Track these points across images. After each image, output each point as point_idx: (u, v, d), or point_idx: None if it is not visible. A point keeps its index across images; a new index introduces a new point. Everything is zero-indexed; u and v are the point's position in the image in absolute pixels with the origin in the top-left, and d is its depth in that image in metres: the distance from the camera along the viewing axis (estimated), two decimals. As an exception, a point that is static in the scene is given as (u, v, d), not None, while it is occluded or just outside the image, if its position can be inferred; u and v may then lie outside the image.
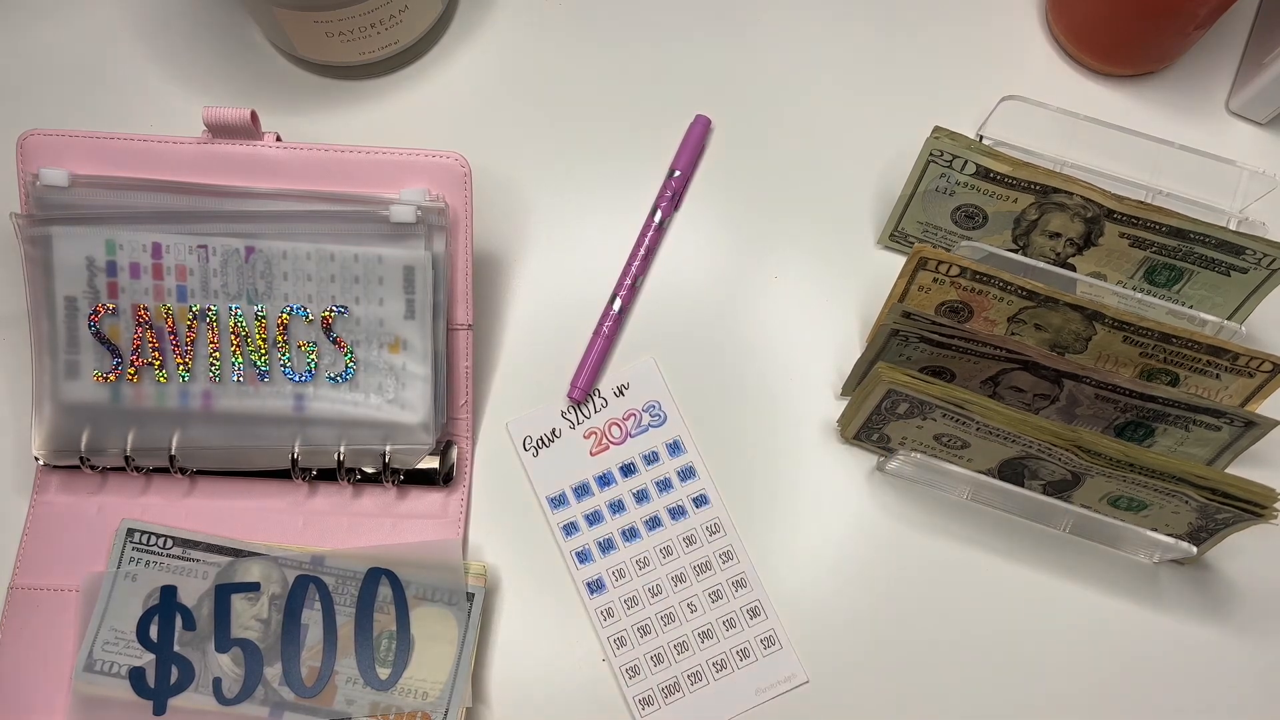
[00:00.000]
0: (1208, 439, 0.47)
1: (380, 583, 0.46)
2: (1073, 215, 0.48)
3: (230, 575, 0.46)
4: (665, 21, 0.59)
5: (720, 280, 0.54)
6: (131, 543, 0.46)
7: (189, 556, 0.46)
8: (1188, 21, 0.53)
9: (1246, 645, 0.48)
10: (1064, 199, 0.48)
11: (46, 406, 0.47)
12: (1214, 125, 0.58)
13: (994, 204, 0.49)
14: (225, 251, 0.46)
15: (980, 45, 0.59)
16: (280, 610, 0.45)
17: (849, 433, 0.50)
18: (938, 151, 0.48)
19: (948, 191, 0.50)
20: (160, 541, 0.46)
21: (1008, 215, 0.50)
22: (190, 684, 0.44)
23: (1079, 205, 0.48)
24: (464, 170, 0.47)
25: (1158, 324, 0.46)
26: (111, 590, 0.45)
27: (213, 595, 0.45)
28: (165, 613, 0.45)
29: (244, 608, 0.45)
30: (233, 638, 0.45)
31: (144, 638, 0.45)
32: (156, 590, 0.45)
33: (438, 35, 0.58)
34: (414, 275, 0.46)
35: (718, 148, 0.56)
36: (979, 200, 0.49)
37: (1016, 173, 0.48)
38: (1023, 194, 0.48)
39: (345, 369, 0.47)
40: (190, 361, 0.47)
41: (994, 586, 0.49)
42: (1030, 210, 0.49)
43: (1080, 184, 0.47)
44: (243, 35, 0.58)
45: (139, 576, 0.46)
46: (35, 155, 0.46)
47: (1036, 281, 0.46)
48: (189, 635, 0.45)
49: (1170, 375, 0.48)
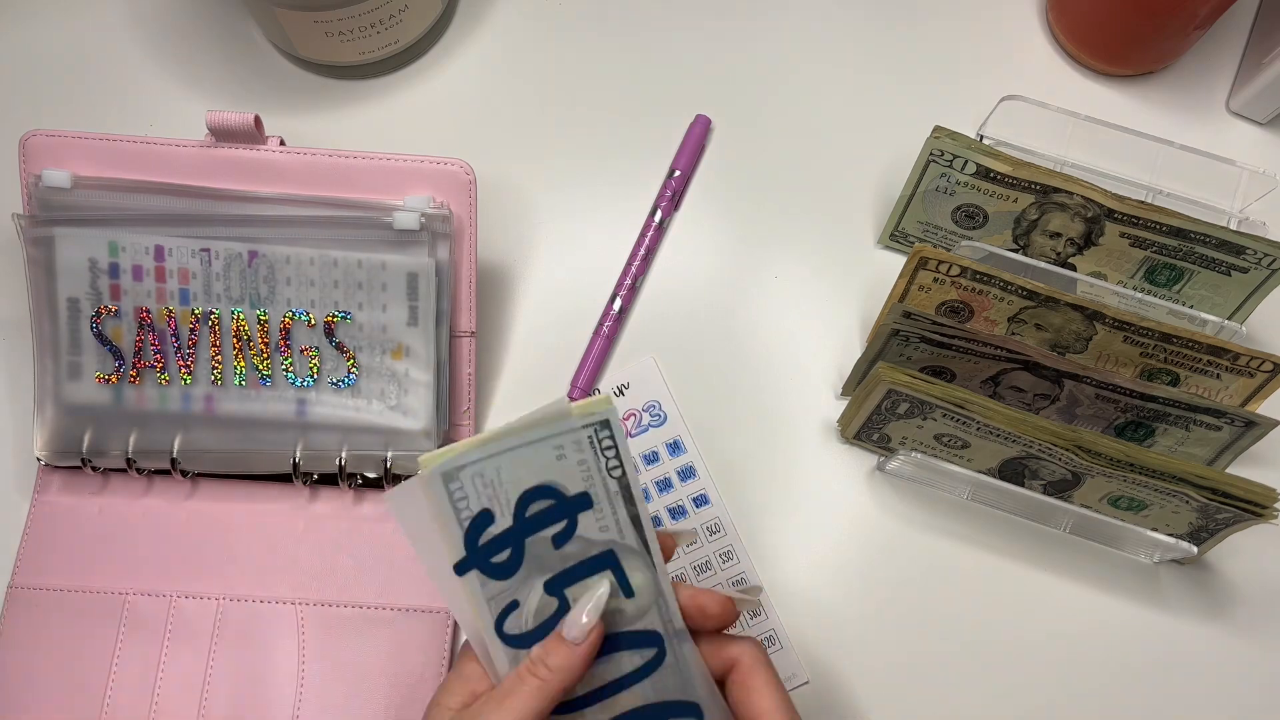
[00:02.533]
0: (1208, 439, 0.47)
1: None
2: (1073, 215, 0.49)
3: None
4: (665, 21, 0.59)
5: (720, 280, 0.54)
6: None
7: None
8: (1188, 21, 0.53)
9: (1246, 645, 0.48)
10: (1064, 199, 0.48)
11: (48, 407, 0.47)
12: (1214, 125, 0.58)
13: (994, 204, 0.49)
14: (228, 255, 0.46)
15: (980, 45, 0.59)
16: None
17: (849, 433, 0.50)
18: (938, 151, 0.48)
19: (948, 191, 0.50)
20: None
21: (1008, 215, 0.50)
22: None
23: (1079, 205, 0.48)
24: (469, 178, 0.47)
25: (1158, 324, 0.46)
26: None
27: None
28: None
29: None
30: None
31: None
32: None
33: (438, 35, 0.58)
34: (417, 282, 0.46)
35: (718, 147, 0.56)
36: (979, 200, 0.49)
37: (1017, 172, 0.48)
38: (1023, 194, 0.48)
39: (347, 374, 0.47)
40: (192, 365, 0.47)
41: (994, 586, 0.49)
42: (1030, 210, 0.49)
43: (1080, 184, 0.47)
44: (243, 35, 0.58)
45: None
46: (37, 156, 0.46)
47: (1036, 281, 0.46)
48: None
49: (1171, 375, 0.48)
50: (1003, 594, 0.49)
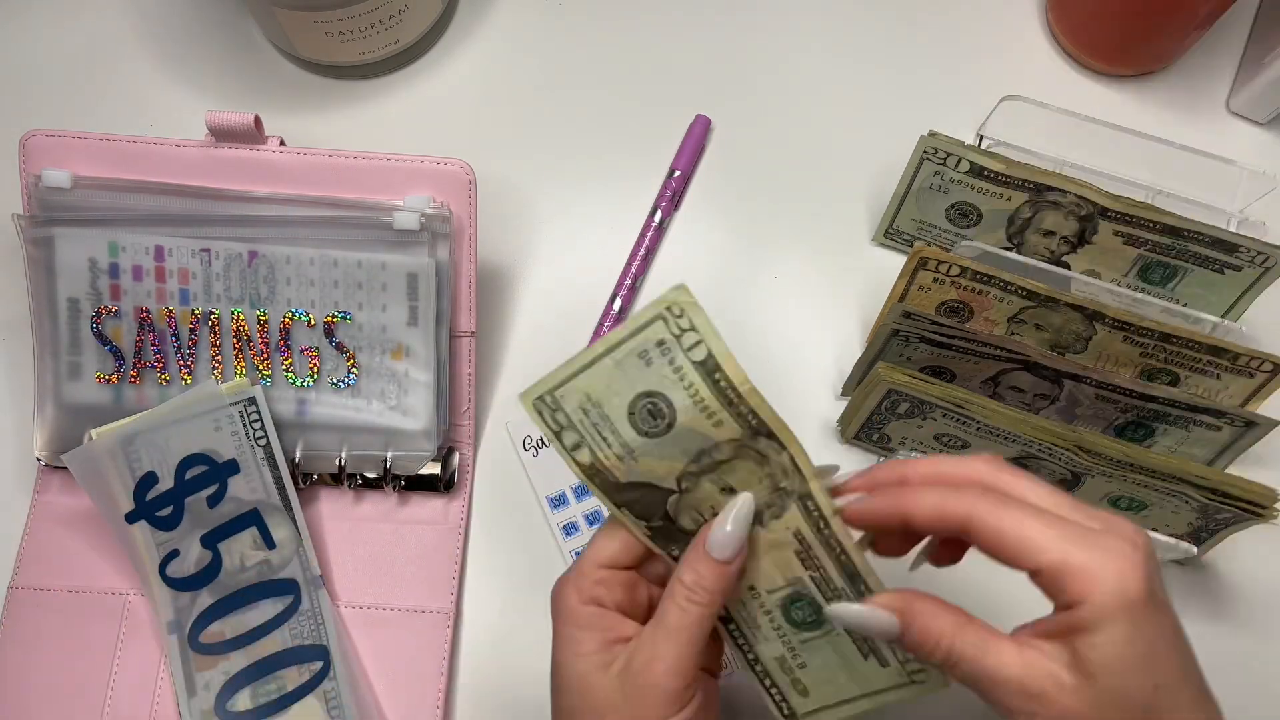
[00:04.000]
0: (1208, 439, 0.47)
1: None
2: (1067, 213, 0.49)
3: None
4: (665, 21, 0.59)
5: (720, 280, 0.54)
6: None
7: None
8: (1188, 21, 0.53)
9: (1246, 645, 0.48)
10: (1058, 197, 0.48)
11: (49, 407, 0.47)
12: (1214, 125, 0.58)
13: (988, 202, 0.49)
14: (228, 255, 0.46)
15: (980, 45, 0.59)
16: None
17: (849, 433, 0.50)
18: (931, 149, 0.48)
19: (942, 189, 0.50)
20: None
21: (1002, 213, 0.50)
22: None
23: (1073, 203, 0.48)
24: (469, 178, 0.47)
25: (1158, 324, 0.46)
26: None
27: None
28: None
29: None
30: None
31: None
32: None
33: (438, 35, 0.58)
34: (417, 282, 0.46)
35: (718, 147, 0.56)
36: (973, 198, 0.49)
37: (1010, 170, 0.48)
38: (1016, 192, 0.48)
39: (347, 374, 0.47)
40: (192, 365, 0.47)
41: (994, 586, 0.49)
42: (1024, 208, 0.49)
43: (1074, 182, 0.48)
44: (243, 35, 0.58)
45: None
46: (37, 156, 0.46)
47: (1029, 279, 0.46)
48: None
49: (1170, 375, 0.48)
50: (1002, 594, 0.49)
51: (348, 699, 0.44)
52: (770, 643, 0.36)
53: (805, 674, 0.36)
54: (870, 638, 0.35)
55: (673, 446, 0.34)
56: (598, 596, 0.35)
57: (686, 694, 0.33)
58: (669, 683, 0.33)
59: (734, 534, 0.33)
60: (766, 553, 0.35)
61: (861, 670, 0.35)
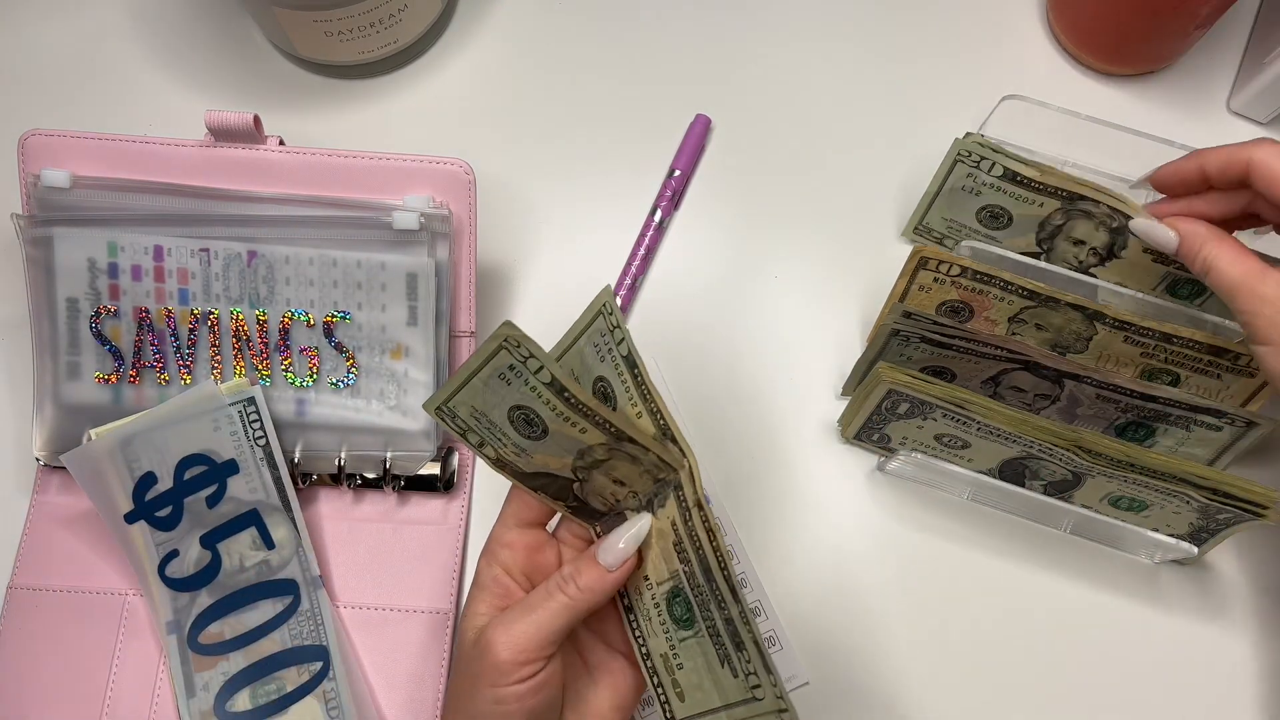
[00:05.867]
0: (1209, 439, 0.47)
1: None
2: (1098, 224, 0.48)
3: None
4: (665, 21, 0.59)
5: (720, 280, 0.54)
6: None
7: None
8: (1188, 21, 0.53)
9: (1246, 645, 0.48)
10: (1090, 206, 0.48)
11: (48, 407, 0.47)
12: (1215, 125, 0.58)
13: (1020, 206, 0.49)
14: (227, 255, 0.46)
15: (981, 45, 0.59)
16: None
17: (849, 433, 0.50)
18: (965, 152, 0.48)
19: (973, 191, 0.50)
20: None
21: (1033, 219, 0.49)
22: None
23: (1105, 215, 0.48)
24: (469, 177, 0.47)
25: (1158, 324, 0.45)
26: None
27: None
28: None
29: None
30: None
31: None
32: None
33: (437, 35, 0.58)
34: (417, 282, 0.46)
35: (718, 147, 0.56)
36: (1005, 201, 0.49)
37: (1044, 178, 0.48)
38: (1049, 199, 0.48)
39: (347, 374, 0.47)
40: (192, 364, 0.47)
41: (994, 587, 0.49)
42: (1056, 215, 0.49)
43: (1108, 194, 0.47)
44: (243, 35, 0.58)
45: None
46: (36, 156, 0.46)
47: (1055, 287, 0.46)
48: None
49: (1171, 375, 0.48)
50: (1003, 594, 0.49)
51: (347, 699, 0.44)
52: (657, 638, 0.37)
53: (682, 675, 0.36)
54: (732, 635, 0.35)
55: (555, 446, 0.36)
56: (503, 560, 0.37)
57: (523, 670, 0.34)
58: (504, 654, 0.34)
59: (623, 551, 0.36)
60: (657, 541, 0.36)
61: (720, 678, 0.35)
